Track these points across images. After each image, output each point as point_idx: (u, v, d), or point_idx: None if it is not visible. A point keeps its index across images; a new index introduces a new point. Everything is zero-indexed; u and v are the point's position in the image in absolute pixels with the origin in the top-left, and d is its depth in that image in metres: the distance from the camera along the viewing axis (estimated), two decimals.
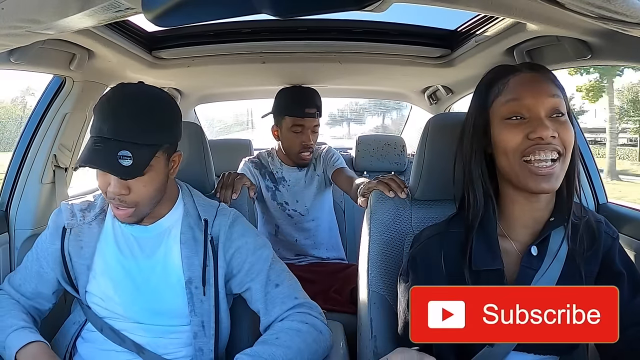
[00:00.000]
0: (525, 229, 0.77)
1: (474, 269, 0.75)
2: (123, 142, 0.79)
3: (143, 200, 0.85)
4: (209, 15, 0.50)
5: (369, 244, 1.00)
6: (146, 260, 0.92)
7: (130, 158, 0.79)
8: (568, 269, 0.75)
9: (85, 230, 0.94)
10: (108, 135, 0.80)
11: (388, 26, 1.41)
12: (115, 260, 0.92)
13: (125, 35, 1.23)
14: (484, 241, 0.76)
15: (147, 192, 0.85)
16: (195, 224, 0.94)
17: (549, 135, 0.70)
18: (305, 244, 1.73)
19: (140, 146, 0.80)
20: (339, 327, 1.19)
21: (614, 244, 0.79)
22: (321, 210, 1.77)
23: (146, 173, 0.82)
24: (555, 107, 0.72)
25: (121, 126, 0.80)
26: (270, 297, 0.93)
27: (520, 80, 0.75)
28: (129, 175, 0.80)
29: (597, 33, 0.90)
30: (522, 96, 0.73)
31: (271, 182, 1.72)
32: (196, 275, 0.91)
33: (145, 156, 0.81)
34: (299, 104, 1.62)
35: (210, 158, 1.17)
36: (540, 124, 0.71)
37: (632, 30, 0.56)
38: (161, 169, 0.86)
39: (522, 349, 0.74)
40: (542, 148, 0.71)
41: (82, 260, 0.92)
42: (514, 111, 0.73)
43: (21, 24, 0.66)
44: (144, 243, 0.93)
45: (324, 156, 1.76)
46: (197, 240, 0.92)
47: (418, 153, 0.98)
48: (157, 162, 0.84)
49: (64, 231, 0.94)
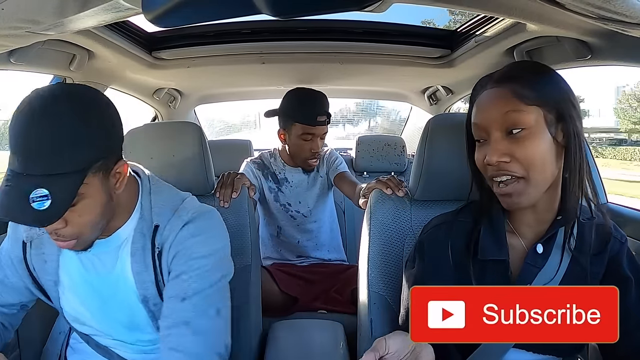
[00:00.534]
0: (530, 228, 0.78)
1: (480, 259, 0.75)
2: (36, 177, 0.64)
3: (83, 230, 0.72)
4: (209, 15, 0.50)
5: (369, 244, 1.00)
6: (108, 275, 0.81)
7: (47, 197, 0.63)
8: (573, 269, 0.75)
9: (45, 241, 0.81)
10: (18, 169, 0.64)
11: (388, 26, 1.42)
12: (79, 276, 0.82)
13: (125, 35, 1.23)
14: (492, 232, 0.77)
15: (86, 222, 0.71)
16: (148, 229, 0.80)
17: (494, 161, 0.70)
18: (307, 245, 1.72)
19: (59, 177, 0.64)
20: (339, 327, 1.20)
21: (621, 248, 0.78)
22: (323, 211, 1.76)
23: (77, 203, 0.68)
24: (509, 124, 0.69)
25: (30, 155, 0.64)
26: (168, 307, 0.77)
27: (482, 99, 0.74)
28: (47, 221, 0.65)
29: (597, 33, 0.90)
30: (478, 118, 0.73)
31: (274, 183, 1.69)
32: (150, 293, 0.80)
33: (67, 190, 0.65)
34: (311, 111, 1.55)
35: (210, 158, 1.17)
36: (489, 149, 0.71)
37: (631, 30, 0.56)
38: (97, 192, 0.71)
39: (522, 347, 0.74)
40: (495, 173, 0.71)
41: (47, 276, 0.82)
42: (477, 135, 0.75)
43: (21, 24, 0.66)
44: (104, 258, 0.81)
45: (327, 158, 1.74)
46: (146, 249, 0.79)
47: (418, 153, 0.98)
48: (89, 187, 0.69)
49: (24, 245, 0.82)
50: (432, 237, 0.82)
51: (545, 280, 0.74)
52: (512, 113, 0.69)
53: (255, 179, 1.65)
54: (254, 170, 1.67)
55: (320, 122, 1.56)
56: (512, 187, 0.71)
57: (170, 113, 2.14)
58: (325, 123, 1.58)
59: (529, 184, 0.71)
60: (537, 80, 0.71)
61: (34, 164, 0.64)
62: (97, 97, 0.73)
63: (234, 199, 1.15)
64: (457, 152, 0.91)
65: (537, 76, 0.72)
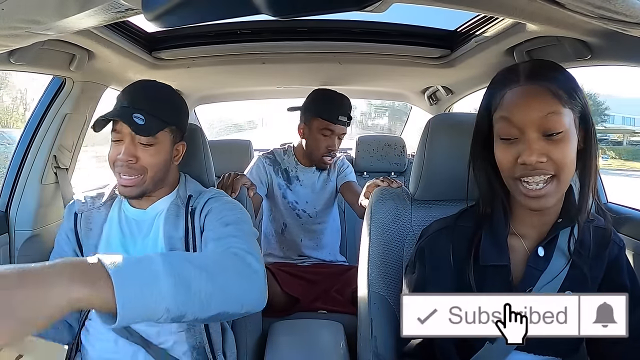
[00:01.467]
0: (534, 229, 0.77)
1: (481, 264, 0.75)
2: (138, 109, 0.91)
3: (148, 169, 0.94)
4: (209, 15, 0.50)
5: (369, 244, 0.99)
6: (143, 240, 0.99)
7: (143, 120, 0.90)
8: (573, 272, 0.74)
9: (94, 215, 1.03)
10: (126, 104, 0.93)
11: (388, 27, 1.41)
12: (117, 240, 1.00)
13: (126, 35, 1.23)
14: (492, 237, 0.76)
15: (152, 163, 0.94)
16: (182, 202, 1.01)
17: (533, 161, 0.67)
18: (309, 245, 1.73)
19: (152, 116, 0.92)
20: (339, 327, 1.20)
21: (620, 253, 0.78)
22: (328, 215, 1.79)
23: (154, 144, 0.93)
24: (548, 127, 0.67)
25: (137, 98, 0.94)
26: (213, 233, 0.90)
27: (514, 95, 0.70)
28: (141, 131, 0.90)
29: (597, 33, 0.90)
30: (512, 115, 0.69)
31: (284, 180, 1.72)
32: (177, 248, 0.96)
33: (156, 124, 0.92)
34: (334, 109, 1.62)
35: (210, 158, 1.18)
36: (526, 149, 0.68)
37: (632, 30, 0.56)
38: (167, 146, 0.97)
39: (523, 349, 0.74)
40: (530, 173, 0.69)
41: (90, 240, 1.00)
42: (506, 132, 0.70)
43: (21, 24, 0.66)
44: (142, 224, 1.01)
45: (339, 165, 1.79)
46: (179, 216, 0.99)
47: (418, 153, 0.98)
48: (164, 137, 0.95)
49: (75, 216, 1.03)
50: (433, 243, 0.81)
51: (548, 283, 0.73)
52: (552, 115, 0.67)
53: (265, 174, 1.69)
54: (265, 165, 1.70)
55: (341, 122, 1.62)
56: (541, 191, 0.69)
57: None
58: (345, 124, 1.63)
59: (559, 185, 0.69)
60: (565, 79, 0.70)
61: (139, 103, 0.93)
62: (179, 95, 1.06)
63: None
64: (457, 152, 0.91)
65: (565, 76, 0.71)
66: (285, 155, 1.75)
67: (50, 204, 1.37)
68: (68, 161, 1.41)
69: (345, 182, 1.71)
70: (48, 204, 1.36)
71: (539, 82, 0.69)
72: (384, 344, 0.94)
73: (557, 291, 0.73)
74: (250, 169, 1.69)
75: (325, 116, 1.61)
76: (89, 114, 1.44)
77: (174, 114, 0.99)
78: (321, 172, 1.76)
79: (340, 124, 1.62)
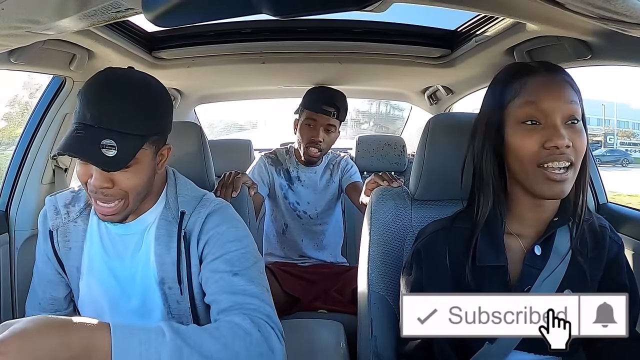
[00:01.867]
0: (531, 228, 0.77)
1: (478, 265, 0.75)
2: (107, 130, 0.73)
3: (127, 193, 0.79)
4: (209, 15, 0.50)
5: (369, 244, 0.99)
6: (130, 259, 0.87)
7: (114, 148, 0.72)
8: (572, 271, 0.74)
9: (71, 229, 0.89)
10: (91, 122, 0.73)
11: (388, 26, 1.41)
12: (101, 260, 0.87)
13: (126, 35, 1.23)
14: (489, 238, 0.76)
15: (131, 186, 0.78)
16: (173, 217, 0.86)
17: (564, 144, 0.68)
18: (310, 246, 1.73)
19: (125, 135, 0.74)
20: (339, 327, 1.20)
21: (620, 251, 0.78)
22: (330, 216, 1.77)
23: (131, 166, 0.76)
24: (572, 114, 0.70)
25: (106, 113, 0.73)
26: (222, 283, 0.79)
27: (538, 82, 0.72)
28: (112, 167, 0.73)
29: (597, 33, 0.90)
30: (540, 99, 0.71)
31: (285, 180, 1.70)
32: (169, 276, 0.84)
33: (130, 147, 0.74)
34: (318, 99, 1.62)
35: (210, 158, 1.18)
36: (556, 133, 0.69)
37: (632, 30, 0.56)
38: (148, 162, 0.80)
39: (523, 348, 0.74)
40: (557, 158, 0.69)
41: (71, 262, 0.88)
42: (530, 115, 0.71)
43: (21, 24, 0.66)
44: (128, 241, 0.87)
45: (343, 165, 1.76)
46: (172, 236, 0.85)
47: (418, 153, 0.98)
48: (144, 154, 0.78)
49: (51, 234, 0.89)
50: (429, 245, 0.81)
51: (546, 282, 0.73)
52: (574, 104, 0.71)
53: (267, 174, 1.68)
54: (267, 165, 1.69)
55: (325, 111, 1.58)
56: (565, 175, 0.70)
57: None
58: (330, 114, 1.59)
59: (574, 175, 0.72)
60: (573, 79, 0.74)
61: (108, 120, 0.73)
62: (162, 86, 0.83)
63: (234, 198, 1.15)
64: (457, 151, 0.91)
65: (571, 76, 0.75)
66: (287, 155, 1.73)
67: None
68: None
69: (351, 183, 1.69)
70: None
71: (559, 74, 0.73)
72: (384, 343, 0.94)
73: (556, 290, 0.73)
74: (252, 169, 1.68)
75: (308, 106, 1.62)
76: None
77: (155, 120, 0.79)
78: (324, 173, 1.73)
79: (324, 113, 1.59)
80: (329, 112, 1.59)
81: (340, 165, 1.76)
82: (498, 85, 0.77)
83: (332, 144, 1.69)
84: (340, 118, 1.63)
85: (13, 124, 5.76)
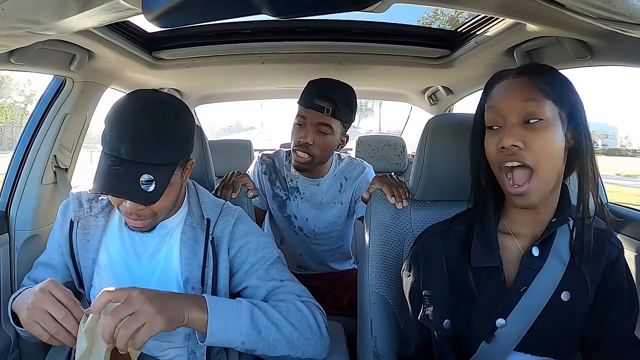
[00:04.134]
0: (528, 228, 0.77)
1: (473, 267, 0.75)
2: (144, 165, 0.75)
3: (160, 212, 0.85)
4: (209, 15, 0.50)
5: (369, 244, 0.99)
6: (148, 260, 0.91)
7: (152, 182, 0.75)
8: (571, 273, 0.74)
9: (91, 223, 0.93)
10: (127, 156, 0.74)
11: (388, 27, 1.41)
12: (119, 257, 0.91)
13: (126, 35, 1.23)
14: (483, 239, 0.77)
15: (164, 206, 0.84)
16: (198, 223, 0.92)
17: (509, 144, 0.69)
18: (310, 260, 1.58)
19: (160, 167, 0.76)
20: (339, 327, 1.19)
21: (620, 255, 0.78)
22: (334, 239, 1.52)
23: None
24: (528, 112, 0.69)
25: (141, 146, 0.74)
26: (276, 287, 0.90)
27: (501, 87, 0.74)
28: (152, 200, 0.76)
29: (597, 34, 0.90)
30: (497, 102, 0.73)
31: (282, 190, 1.47)
32: (194, 276, 0.89)
33: (165, 176, 0.78)
34: (311, 92, 1.29)
35: (210, 158, 1.18)
36: (505, 133, 0.70)
37: (631, 31, 0.56)
38: (178, 182, 0.85)
39: (521, 349, 0.74)
40: (508, 158, 0.70)
41: (87, 253, 0.91)
42: (491, 119, 0.74)
43: (21, 24, 0.66)
44: (148, 243, 0.92)
45: (360, 183, 1.41)
46: (198, 241, 0.91)
47: (418, 154, 0.98)
48: (175, 178, 0.82)
49: (71, 224, 0.92)
50: (427, 248, 0.82)
51: (543, 284, 0.73)
52: (531, 102, 0.70)
53: (258, 184, 1.46)
54: (259, 174, 1.49)
55: (316, 107, 1.26)
56: (525, 186, 0.70)
57: None
58: (322, 110, 1.26)
59: (540, 180, 0.70)
60: (555, 78, 0.73)
61: (143, 153, 0.75)
62: (186, 106, 0.85)
63: (233, 199, 1.15)
64: (457, 152, 0.91)
65: (555, 76, 0.73)
66: (286, 161, 1.48)
67: (50, 204, 1.37)
68: (68, 161, 1.41)
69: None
70: (48, 203, 1.36)
71: (523, 75, 0.73)
72: (384, 343, 0.94)
73: (553, 292, 0.73)
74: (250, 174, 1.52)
75: (300, 101, 1.31)
76: (89, 113, 1.44)
77: (185, 146, 0.82)
78: (330, 187, 1.44)
79: (315, 109, 1.25)
80: (322, 107, 1.25)
81: (357, 182, 1.41)
82: (483, 92, 0.79)
83: (330, 150, 1.33)
84: (338, 115, 1.27)
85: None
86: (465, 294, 0.75)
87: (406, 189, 1.04)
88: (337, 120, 1.30)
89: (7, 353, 1.17)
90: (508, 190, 0.72)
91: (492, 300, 0.74)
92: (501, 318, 0.73)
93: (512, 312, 0.73)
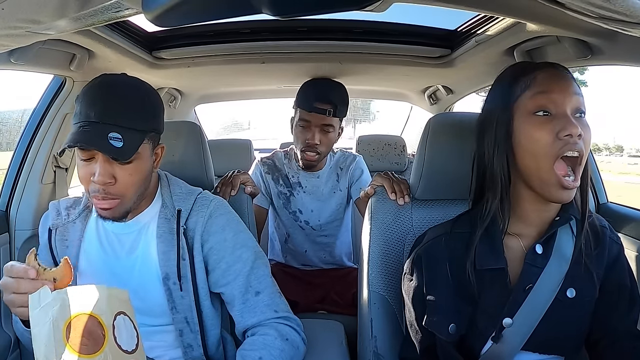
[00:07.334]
0: (533, 228, 0.77)
1: (478, 269, 0.75)
2: (112, 125, 0.77)
3: (128, 190, 0.83)
4: (209, 15, 0.50)
5: (369, 244, 0.99)
6: (127, 258, 0.91)
7: (120, 140, 0.77)
8: (576, 269, 0.74)
9: (69, 229, 0.93)
10: (95, 119, 0.77)
11: (388, 26, 1.41)
12: (98, 258, 0.91)
13: (126, 35, 1.23)
14: (488, 241, 0.76)
15: (133, 182, 0.83)
16: (172, 215, 0.91)
17: (577, 132, 0.67)
18: (314, 257, 1.63)
19: (129, 130, 0.78)
20: (339, 326, 1.19)
21: (620, 252, 0.78)
22: (337, 228, 1.62)
23: (133, 161, 0.81)
24: (579, 107, 0.70)
25: (110, 110, 0.78)
26: (249, 305, 0.90)
27: (548, 74, 0.72)
28: (120, 156, 0.77)
29: (597, 33, 0.90)
30: (551, 89, 0.70)
31: (285, 187, 1.56)
32: (173, 271, 0.88)
33: (134, 140, 0.79)
34: (311, 96, 1.44)
35: (209, 158, 1.18)
36: (568, 121, 0.68)
37: (632, 30, 0.56)
38: (147, 157, 0.85)
39: (528, 348, 0.74)
40: (571, 147, 0.68)
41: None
42: (541, 105, 0.70)
43: (21, 24, 0.66)
44: (125, 240, 0.91)
45: (353, 170, 1.57)
46: (172, 233, 0.90)
47: (418, 153, 0.98)
48: (144, 149, 0.83)
49: (50, 232, 0.93)
50: (430, 251, 0.81)
51: (548, 281, 0.73)
52: (579, 96, 0.71)
53: (262, 184, 1.55)
54: (262, 174, 1.57)
55: (318, 110, 1.40)
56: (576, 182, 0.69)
57: (171, 113, 2.14)
58: (325, 113, 1.41)
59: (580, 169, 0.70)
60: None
61: (111, 116, 0.77)
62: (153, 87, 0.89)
63: (232, 196, 1.15)
64: (457, 151, 0.91)
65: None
66: (286, 160, 1.59)
67: None
68: (68, 161, 1.41)
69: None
70: (48, 203, 1.36)
71: (564, 70, 0.73)
72: (384, 343, 0.94)
73: (558, 289, 0.73)
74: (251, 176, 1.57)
75: (301, 104, 1.44)
76: None
77: (152, 117, 0.85)
78: (329, 177, 1.58)
79: (318, 112, 1.40)
80: (324, 110, 1.41)
81: (350, 169, 1.57)
82: (504, 82, 0.76)
83: (333, 144, 1.52)
84: (338, 115, 1.46)
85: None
86: (470, 296, 0.74)
87: (407, 185, 1.04)
88: (337, 119, 1.48)
89: (7, 353, 1.17)
90: (560, 183, 0.69)
91: (497, 301, 0.74)
92: (508, 317, 0.73)
93: (519, 310, 0.73)
